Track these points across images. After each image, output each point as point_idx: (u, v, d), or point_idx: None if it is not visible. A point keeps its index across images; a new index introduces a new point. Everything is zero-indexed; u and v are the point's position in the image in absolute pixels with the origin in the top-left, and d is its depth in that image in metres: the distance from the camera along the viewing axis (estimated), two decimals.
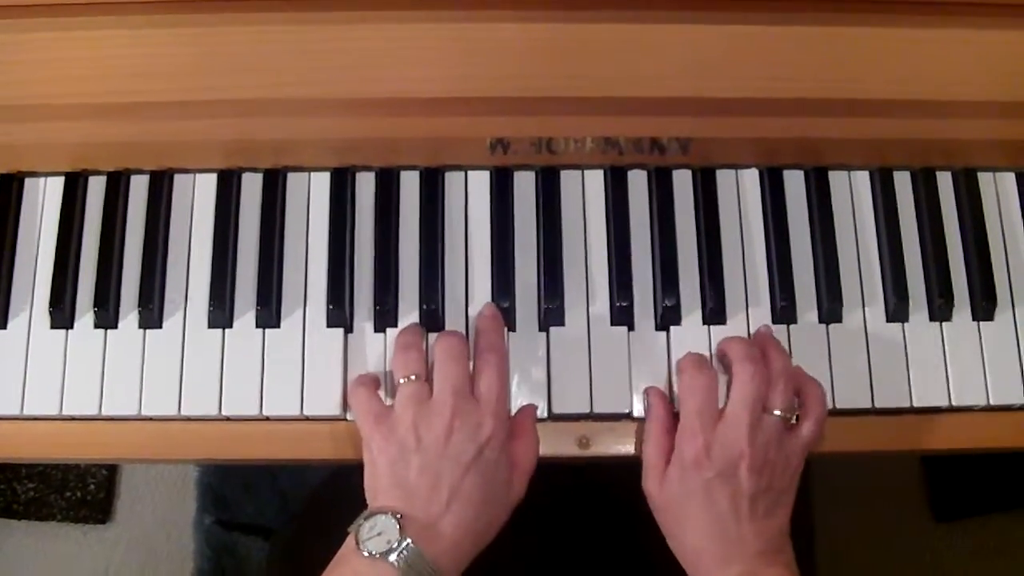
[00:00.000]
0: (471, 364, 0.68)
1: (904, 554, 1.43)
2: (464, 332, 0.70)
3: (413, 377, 0.66)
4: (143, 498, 1.46)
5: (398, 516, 0.62)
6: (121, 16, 0.67)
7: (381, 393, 0.69)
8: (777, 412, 0.65)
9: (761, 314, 0.72)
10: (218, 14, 0.67)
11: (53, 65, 0.67)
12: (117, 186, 0.73)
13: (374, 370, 0.70)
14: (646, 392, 0.69)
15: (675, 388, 0.69)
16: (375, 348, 0.71)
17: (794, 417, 0.66)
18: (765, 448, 0.64)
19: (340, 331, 0.71)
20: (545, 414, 0.70)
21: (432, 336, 0.69)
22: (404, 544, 0.61)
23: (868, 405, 0.70)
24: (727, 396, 0.66)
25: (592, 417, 0.70)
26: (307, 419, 0.70)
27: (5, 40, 0.67)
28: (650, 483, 0.67)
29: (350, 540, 0.62)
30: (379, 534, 0.61)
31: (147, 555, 1.44)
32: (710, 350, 0.70)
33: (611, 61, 0.67)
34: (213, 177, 0.74)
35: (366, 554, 0.61)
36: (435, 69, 0.67)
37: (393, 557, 0.60)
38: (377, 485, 0.65)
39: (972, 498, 1.43)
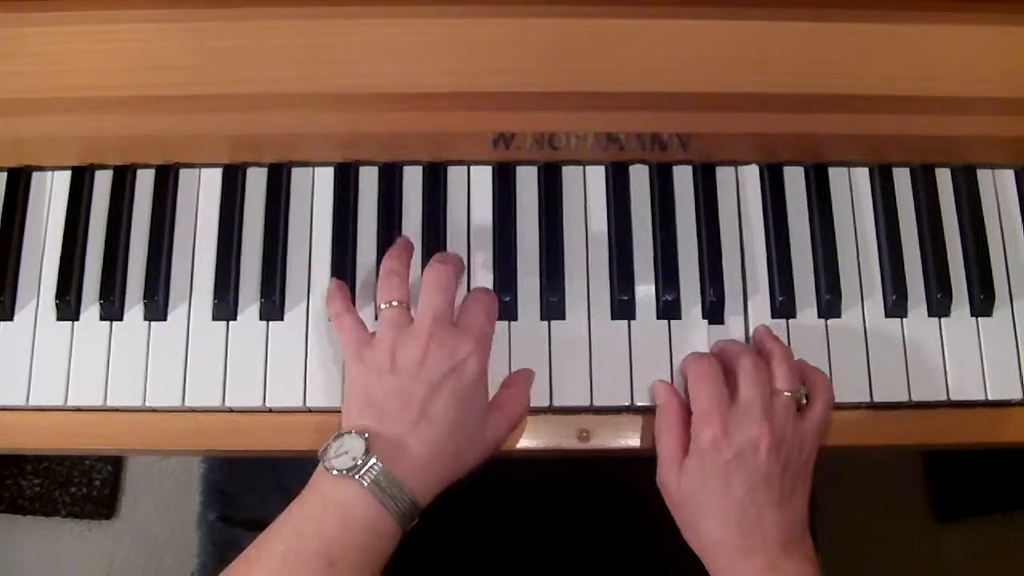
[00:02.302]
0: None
1: (905, 553, 1.43)
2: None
3: (395, 303, 0.66)
4: (147, 494, 1.46)
5: (365, 435, 0.61)
6: (127, 10, 0.67)
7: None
8: (786, 393, 0.65)
9: (761, 309, 0.72)
10: (223, 9, 0.67)
11: (59, 59, 0.67)
12: (123, 180, 0.74)
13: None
14: (655, 386, 0.69)
15: (676, 385, 0.70)
16: None
17: (803, 398, 0.66)
18: (782, 429, 0.64)
19: None
20: (546, 406, 0.70)
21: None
22: (370, 462, 0.60)
23: (867, 400, 0.70)
24: (734, 388, 0.65)
25: (592, 410, 0.70)
26: (309, 411, 0.70)
27: (11, 33, 0.67)
28: (668, 475, 0.66)
29: (320, 465, 0.62)
30: (345, 453, 0.61)
31: (151, 551, 1.45)
32: (709, 344, 0.71)
33: (612, 56, 0.67)
34: (218, 172, 0.75)
35: (334, 473, 0.60)
36: (438, 64, 0.68)
37: (359, 475, 0.60)
38: (350, 408, 0.65)
39: (973, 497, 1.43)
